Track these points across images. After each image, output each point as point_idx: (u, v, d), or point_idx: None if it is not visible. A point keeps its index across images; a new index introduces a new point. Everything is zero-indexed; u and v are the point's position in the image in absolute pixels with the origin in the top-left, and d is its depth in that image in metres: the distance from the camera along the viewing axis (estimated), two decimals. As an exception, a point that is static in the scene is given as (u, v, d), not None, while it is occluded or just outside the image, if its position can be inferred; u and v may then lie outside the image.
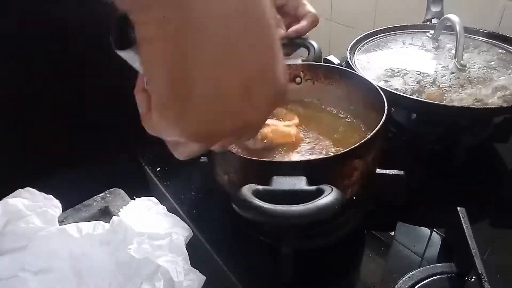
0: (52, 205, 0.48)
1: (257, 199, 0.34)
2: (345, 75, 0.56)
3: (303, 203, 0.33)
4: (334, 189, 0.35)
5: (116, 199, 0.53)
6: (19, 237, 0.44)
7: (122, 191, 0.54)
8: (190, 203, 0.54)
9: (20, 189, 0.48)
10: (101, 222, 0.45)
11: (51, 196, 0.48)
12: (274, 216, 0.33)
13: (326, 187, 0.35)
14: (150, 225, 0.45)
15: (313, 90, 0.59)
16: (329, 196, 0.34)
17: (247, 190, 0.35)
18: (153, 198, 0.50)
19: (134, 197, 0.53)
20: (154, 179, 0.59)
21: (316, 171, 0.39)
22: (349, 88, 0.56)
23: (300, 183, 0.37)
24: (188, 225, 0.51)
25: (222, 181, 0.46)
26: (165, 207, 0.49)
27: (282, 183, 0.37)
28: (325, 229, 0.47)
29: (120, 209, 0.50)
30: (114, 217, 0.45)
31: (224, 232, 0.52)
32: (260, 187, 0.36)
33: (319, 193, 0.35)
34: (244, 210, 0.34)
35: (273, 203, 0.34)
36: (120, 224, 0.44)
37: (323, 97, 0.59)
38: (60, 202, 0.51)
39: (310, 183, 0.37)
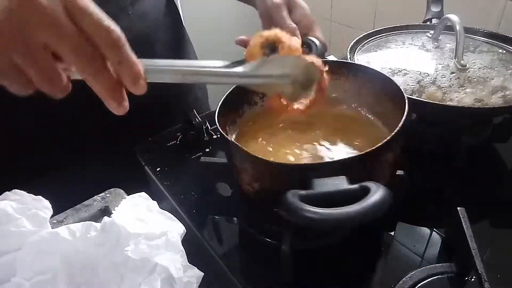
0: (43, 206, 0.46)
1: (308, 205, 0.33)
2: (353, 69, 0.56)
3: (349, 203, 0.33)
4: (380, 185, 0.34)
5: (116, 199, 0.53)
6: (10, 241, 0.43)
7: (122, 191, 0.54)
8: (190, 203, 0.55)
9: (7, 192, 0.46)
10: (93, 223, 0.44)
11: (40, 197, 0.46)
12: (333, 220, 0.33)
13: (369, 184, 0.35)
14: (144, 225, 0.45)
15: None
16: (379, 192, 0.33)
17: (292, 196, 0.34)
18: (143, 194, 0.49)
19: (121, 196, 0.53)
20: (154, 179, 0.59)
21: (354, 168, 0.38)
22: (358, 81, 0.56)
23: (342, 183, 0.36)
24: (188, 225, 0.51)
25: (250, 189, 0.45)
26: (156, 203, 0.49)
27: (324, 185, 0.36)
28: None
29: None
30: (105, 218, 0.44)
31: (224, 232, 0.52)
32: (303, 191, 0.36)
33: (363, 191, 0.34)
34: (299, 217, 0.33)
35: (321, 207, 0.33)
36: (112, 226, 0.43)
37: (331, 93, 0.58)
38: (60, 202, 0.51)
39: (350, 181, 0.37)
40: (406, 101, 0.45)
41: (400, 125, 0.41)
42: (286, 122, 0.56)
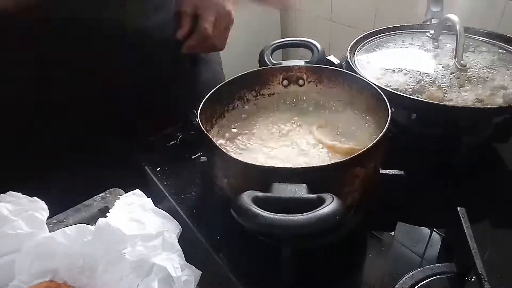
0: (39, 207, 0.46)
1: (257, 207, 0.34)
2: (348, 79, 0.56)
3: (304, 211, 0.33)
4: (335, 198, 0.35)
5: (116, 199, 0.53)
6: (6, 244, 0.43)
7: (122, 191, 0.54)
8: (190, 203, 0.55)
9: (1, 194, 0.46)
10: (88, 226, 0.44)
11: (36, 198, 0.46)
12: (273, 226, 0.33)
13: (327, 196, 0.35)
14: (140, 226, 0.45)
15: (316, 92, 0.59)
16: (329, 206, 0.34)
17: (246, 197, 0.35)
18: (137, 191, 0.49)
19: (119, 196, 0.53)
20: (154, 179, 0.59)
21: (316, 178, 0.38)
22: (352, 92, 0.56)
23: (300, 190, 0.36)
24: (188, 225, 0.51)
25: (221, 184, 0.45)
26: (150, 200, 0.49)
27: (282, 190, 0.37)
28: (325, 230, 0.47)
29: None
30: (99, 220, 0.44)
31: (224, 232, 0.52)
32: (260, 193, 0.36)
33: (319, 202, 0.35)
34: (243, 218, 0.34)
35: (273, 211, 0.33)
36: (107, 228, 0.43)
37: (326, 100, 0.58)
38: (60, 203, 0.51)
39: (311, 190, 0.37)
40: (386, 125, 0.43)
41: (370, 145, 0.40)
42: (276, 122, 0.56)
